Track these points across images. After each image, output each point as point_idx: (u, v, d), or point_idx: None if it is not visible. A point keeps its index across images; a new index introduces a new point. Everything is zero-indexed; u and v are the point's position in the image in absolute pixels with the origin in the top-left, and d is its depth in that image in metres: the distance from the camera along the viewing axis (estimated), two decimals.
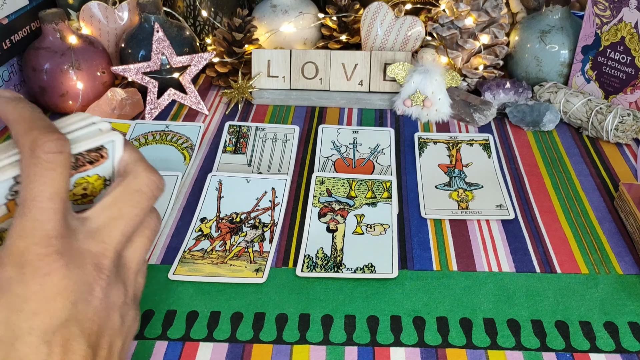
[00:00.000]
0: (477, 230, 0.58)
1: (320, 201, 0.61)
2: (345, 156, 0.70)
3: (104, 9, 0.86)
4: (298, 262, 0.54)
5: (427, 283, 0.52)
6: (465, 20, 0.81)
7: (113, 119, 0.76)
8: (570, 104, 0.75)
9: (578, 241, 0.57)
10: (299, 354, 0.45)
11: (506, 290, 0.51)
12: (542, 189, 0.64)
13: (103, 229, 0.33)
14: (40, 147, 0.30)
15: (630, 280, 0.52)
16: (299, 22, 0.90)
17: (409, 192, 0.64)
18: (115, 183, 0.35)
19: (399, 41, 0.87)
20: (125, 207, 0.34)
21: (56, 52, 0.75)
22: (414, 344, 0.46)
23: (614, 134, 0.70)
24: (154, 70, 0.78)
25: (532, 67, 0.82)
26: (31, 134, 0.31)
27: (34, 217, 0.30)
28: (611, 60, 0.75)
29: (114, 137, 0.34)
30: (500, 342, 0.46)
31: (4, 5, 0.76)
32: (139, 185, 0.34)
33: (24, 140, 0.31)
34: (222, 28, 0.85)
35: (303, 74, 0.82)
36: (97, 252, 0.32)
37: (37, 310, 0.29)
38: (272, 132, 0.74)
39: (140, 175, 0.35)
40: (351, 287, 0.52)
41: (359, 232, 0.57)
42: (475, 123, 0.76)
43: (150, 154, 0.70)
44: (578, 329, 0.47)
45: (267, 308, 0.50)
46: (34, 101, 0.80)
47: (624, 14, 0.73)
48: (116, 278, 0.34)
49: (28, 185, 0.30)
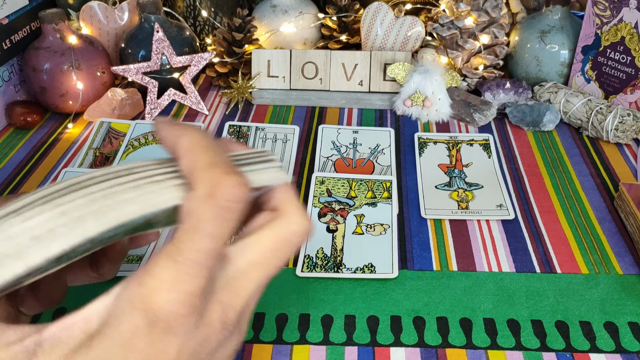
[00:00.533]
0: (477, 230, 0.58)
1: (320, 201, 0.61)
2: (345, 156, 0.70)
3: (104, 9, 0.86)
4: (298, 262, 0.54)
5: (427, 283, 0.52)
6: (465, 20, 0.81)
7: (113, 119, 0.76)
8: (570, 104, 0.75)
9: (578, 241, 0.57)
10: (299, 354, 0.45)
11: (506, 290, 0.51)
12: (542, 189, 0.64)
13: (240, 278, 0.28)
14: (221, 192, 0.26)
15: (630, 280, 0.52)
16: (299, 22, 0.90)
17: (409, 192, 0.64)
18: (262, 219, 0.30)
19: (399, 41, 0.87)
20: (271, 257, 0.29)
21: (56, 52, 0.75)
22: (414, 344, 0.46)
23: (614, 134, 0.70)
24: (154, 70, 0.78)
25: (532, 67, 0.82)
26: (213, 171, 0.26)
27: (187, 271, 0.25)
28: (611, 61, 0.75)
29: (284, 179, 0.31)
30: (500, 342, 0.46)
31: (4, 5, 0.76)
32: (290, 233, 0.29)
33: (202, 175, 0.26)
34: (222, 28, 0.85)
35: (303, 74, 0.82)
36: (226, 304, 0.28)
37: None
38: (272, 132, 0.74)
39: (292, 220, 0.30)
40: (351, 287, 0.52)
41: (359, 232, 0.57)
42: (475, 123, 0.76)
43: (150, 154, 0.70)
44: (578, 329, 0.47)
45: (267, 308, 0.49)
46: (34, 101, 0.80)
47: (624, 14, 0.73)
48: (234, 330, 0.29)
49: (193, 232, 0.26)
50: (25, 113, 0.76)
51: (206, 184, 0.26)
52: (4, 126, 0.78)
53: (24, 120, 0.76)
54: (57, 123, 0.79)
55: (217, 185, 0.26)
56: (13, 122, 0.77)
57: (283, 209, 0.30)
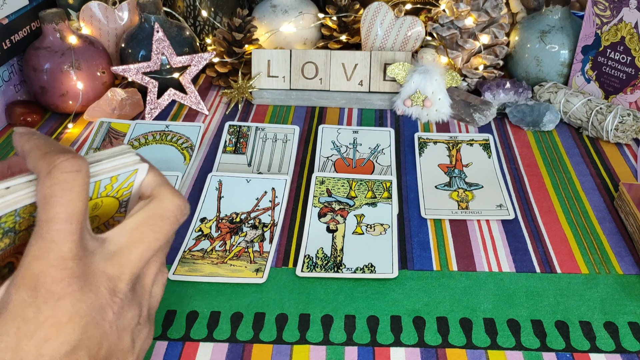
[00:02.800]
0: (477, 230, 0.58)
1: (320, 201, 0.61)
2: (345, 156, 0.70)
3: (104, 9, 0.86)
4: (298, 262, 0.54)
5: (427, 283, 0.52)
6: (465, 20, 0.81)
7: (113, 119, 0.76)
8: (570, 104, 0.75)
9: (578, 241, 0.57)
10: (299, 354, 0.45)
11: (506, 290, 0.51)
12: (542, 189, 0.64)
13: (121, 252, 0.32)
14: (57, 167, 0.29)
15: (630, 280, 0.52)
16: (299, 22, 0.90)
17: (409, 192, 0.64)
18: (139, 206, 0.34)
19: (399, 41, 0.87)
20: (147, 232, 0.33)
21: (56, 52, 0.75)
22: (414, 344, 0.46)
23: (614, 134, 0.70)
24: (154, 70, 0.78)
25: (532, 67, 0.82)
26: (47, 156, 0.30)
27: (50, 239, 0.29)
28: (611, 60, 0.75)
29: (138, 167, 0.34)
30: (500, 342, 0.46)
31: (4, 5, 0.76)
32: (163, 210, 0.34)
33: (41, 163, 0.30)
34: (222, 28, 0.85)
35: (303, 74, 0.82)
36: (112, 275, 0.31)
37: (47, 337, 0.29)
38: (272, 132, 0.74)
39: (165, 199, 0.34)
40: (351, 287, 0.52)
41: (359, 232, 0.57)
42: (475, 123, 0.76)
43: (150, 154, 0.70)
44: (578, 329, 0.47)
45: (267, 308, 0.50)
46: (34, 101, 0.80)
47: (624, 14, 0.73)
48: (131, 301, 0.33)
49: (45, 206, 0.29)
50: (25, 113, 0.76)
51: (44, 167, 0.29)
52: (4, 126, 0.78)
53: (24, 120, 0.76)
54: (57, 123, 0.79)
55: (52, 163, 0.29)
56: (13, 122, 0.77)
57: (155, 193, 0.34)
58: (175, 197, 0.34)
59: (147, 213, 0.33)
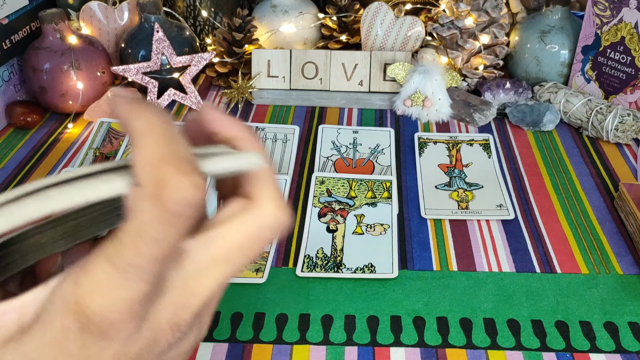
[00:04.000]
0: (477, 230, 0.58)
1: (320, 201, 0.61)
2: (345, 156, 0.70)
3: (104, 9, 0.86)
4: (298, 262, 0.54)
5: (427, 283, 0.52)
6: (465, 20, 0.81)
7: (113, 119, 0.76)
8: (570, 104, 0.75)
9: (578, 241, 0.57)
10: (299, 354, 0.45)
11: (506, 290, 0.51)
12: (542, 189, 0.64)
13: (198, 276, 0.24)
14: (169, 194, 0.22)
15: (630, 280, 0.52)
16: (299, 22, 0.90)
17: (409, 192, 0.64)
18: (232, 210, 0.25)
19: (399, 41, 0.87)
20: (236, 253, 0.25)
21: (56, 52, 0.75)
22: (414, 344, 0.46)
23: (614, 134, 0.70)
24: (154, 70, 0.78)
25: (532, 67, 0.82)
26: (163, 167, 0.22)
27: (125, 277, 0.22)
28: (611, 61, 0.75)
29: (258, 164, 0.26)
30: (500, 342, 0.46)
31: (4, 5, 0.76)
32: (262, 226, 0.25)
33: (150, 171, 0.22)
34: (222, 28, 0.85)
35: (303, 74, 0.82)
36: (180, 305, 0.24)
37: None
38: (272, 132, 0.74)
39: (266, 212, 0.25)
40: (351, 287, 0.52)
41: (359, 232, 0.57)
42: (475, 123, 0.76)
43: None
44: (578, 329, 0.47)
45: (267, 308, 0.49)
46: (34, 101, 0.80)
47: (624, 14, 0.73)
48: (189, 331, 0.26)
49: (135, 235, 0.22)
50: (25, 113, 0.76)
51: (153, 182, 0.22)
52: (4, 126, 0.78)
53: (24, 120, 0.76)
54: (57, 123, 0.79)
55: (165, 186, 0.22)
56: (13, 122, 0.77)
57: (257, 197, 0.25)
58: (280, 210, 0.26)
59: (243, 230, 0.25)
